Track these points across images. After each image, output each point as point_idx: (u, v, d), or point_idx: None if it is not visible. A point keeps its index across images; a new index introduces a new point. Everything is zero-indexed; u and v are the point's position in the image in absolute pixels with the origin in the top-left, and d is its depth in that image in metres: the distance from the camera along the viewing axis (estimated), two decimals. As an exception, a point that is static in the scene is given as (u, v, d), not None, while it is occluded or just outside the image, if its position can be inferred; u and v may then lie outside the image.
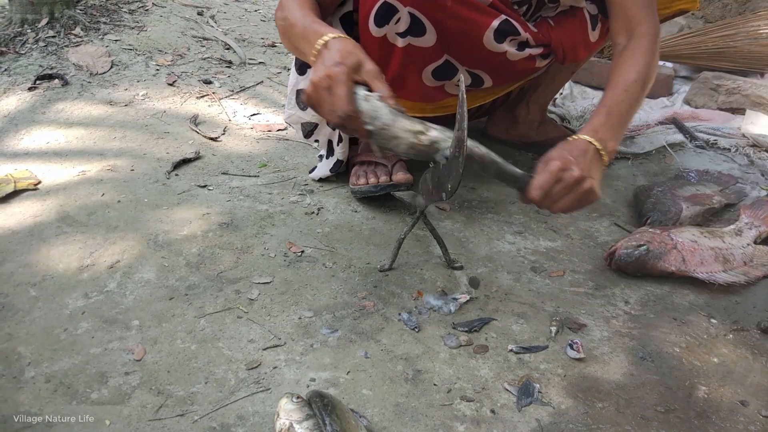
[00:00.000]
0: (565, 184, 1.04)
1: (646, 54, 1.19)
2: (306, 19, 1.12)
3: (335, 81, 1.00)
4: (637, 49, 1.20)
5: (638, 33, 1.22)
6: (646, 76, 1.18)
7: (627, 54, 1.20)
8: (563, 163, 1.04)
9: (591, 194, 1.06)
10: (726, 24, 2.33)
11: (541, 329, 1.12)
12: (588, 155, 1.07)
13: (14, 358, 0.99)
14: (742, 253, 1.32)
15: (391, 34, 1.24)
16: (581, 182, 1.04)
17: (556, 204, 1.06)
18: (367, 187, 1.43)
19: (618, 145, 1.14)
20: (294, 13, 1.14)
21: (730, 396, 1.01)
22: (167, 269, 1.20)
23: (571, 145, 1.09)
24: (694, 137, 1.90)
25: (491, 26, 1.26)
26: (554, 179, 1.04)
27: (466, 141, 0.96)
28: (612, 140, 1.11)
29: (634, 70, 1.17)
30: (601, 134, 1.10)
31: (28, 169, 1.50)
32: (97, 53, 2.09)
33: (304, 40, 1.10)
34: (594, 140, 1.09)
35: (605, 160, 1.10)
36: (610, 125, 1.12)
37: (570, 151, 1.07)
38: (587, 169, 1.06)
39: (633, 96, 1.16)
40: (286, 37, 1.19)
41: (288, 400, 0.86)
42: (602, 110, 1.14)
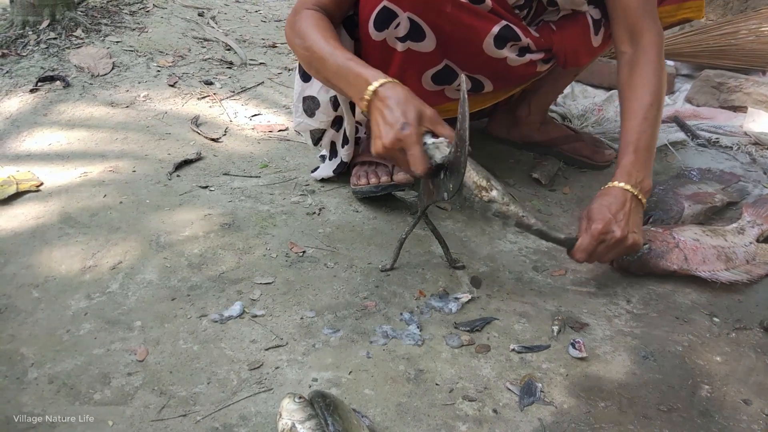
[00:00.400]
0: (608, 245, 1.12)
1: (655, 69, 1.20)
2: (336, 53, 1.12)
3: (407, 144, 1.02)
4: (647, 65, 1.20)
5: (644, 44, 1.22)
6: (661, 94, 1.20)
7: (638, 72, 1.21)
8: (604, 226, 1.11)
9: (634, 247, 1.14)
10: (727, 22, 2.33)
11: (543, 328, 1.12)
12: (626, 206, 1.13)
13: (17, 359, 0.99)
14: (744, 252, 1.31)
15: (391, 38, 1.24)
16: (623, 241, 1.12)
17: (601, 259, 1.16)
18: (369, 187, 1.43)
19: (651, 181, 1.19)
20: (319, 45, 1.14)
21: (733, 395, 1.01)
22: (169, 270, 1.20)
23: (609, 197, 1.14)
24: (695, 136, 1.89)
25: (491, 32, 1.25)
26: (597, 242, 1.12)
27: (467, 140, 0.96)
28: (646, 178, 1.17)
29: (648, 91, 1.18)
30: (634, 177, 1.15)
31: (30, 171, 1.50)
32: (99, 55, 2.09)
33: (341, 79, 1.12)
34: (630, 187, 1.14)
35: (644, 202, 1.17)
36: (640, 163, 1.16)
37: (609, 207, 1.12)
38: (627, 224, 1.12)
39: (653, 121, 1.19)
40: (313, 68, 1.20)
41: (290, 400, 0.86)
42: (629, 147, 1.17)
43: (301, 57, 1.22)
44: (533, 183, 1.63)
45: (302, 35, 1.17)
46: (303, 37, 1.17)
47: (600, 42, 1.39)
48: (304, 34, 1.17)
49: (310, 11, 1.20)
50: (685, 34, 2.34)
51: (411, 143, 1.02)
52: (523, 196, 1.57)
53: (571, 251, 1.15)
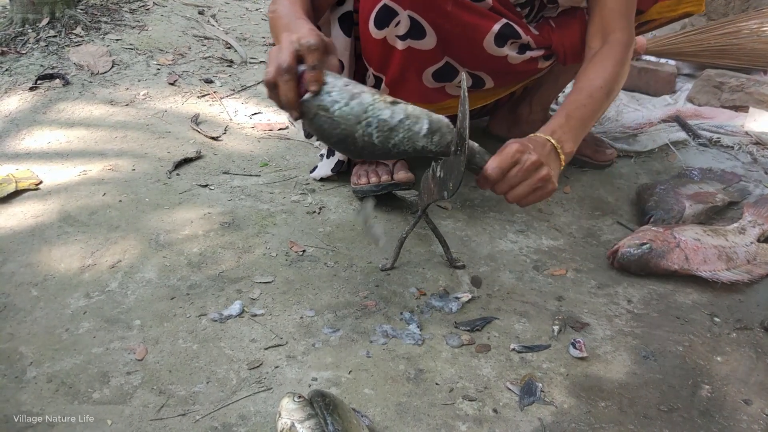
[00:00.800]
0: (522, 167, 1.01)
1: (615, 62, 1.18)
2: (291, 14, 1.08)
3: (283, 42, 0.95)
4: (608, 56, 1.19)
5: (611, 40, 1.22)
6: (613, 84, 1.17)
7: (597, 59, 1.20)
8: (521, 146, 1.01)
9: (548, 183, 1.03)
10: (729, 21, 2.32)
11: (543, 328, 1.12)
12: (546, 148, 1.06)
13: (16, 357, 0.99)
14: (745, 252, 1.31)
15: (391, 36, 1.24)
16: (539, 168, 1.01)
17: (513, 190, 1.03)
18: (369, 186, 1.42)
19: (575, 149, 1.12)
20: (283, 8, 1.11)
21: (733, 395, 1.00)
22: (169, 269, 1.20)
23: (529, 138, 1.07)
24: (697, 135, 1.89)
25: (492, 30, 1.25)
26: (511, 160, 1.00)
27: (468, 139, 0.95)
28: (570, 142, 1.10)
29: (601, 76, 1.16)
30: (558, 135, 1.09)
31: (29, 169, 1.50)
32: (98, 53, 2.09)
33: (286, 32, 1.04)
34: (552, 139, 1.08)
35: (562, 159, 1.08)
36: (569, 127, 1.11)
37: (528, 140, 1.05)
38: (545, 157, 1.04)
39: (596, 102, 1.15)
40: (273, 30, 1.15)
41: (290, 400, 0.85)
42: (562, 112, 1.13)
43: (269, 21, 1.15)
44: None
45: (275, 2, 1.14)
46: (275, 3, 1.13)
47: None
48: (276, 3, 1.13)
49: None
50: (687, 33, 2.33)
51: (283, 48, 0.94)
52: (524, 196, 1.56)
53: (482, 169, 1.02)
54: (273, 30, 1.15)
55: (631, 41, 1.24)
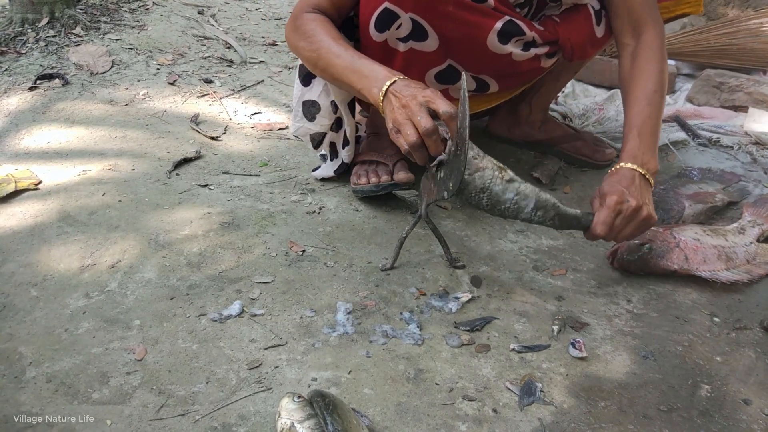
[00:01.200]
0: (625, 215, 1.11)
1: (659, 60, 1.22)
2: (347, 53, 1.16)
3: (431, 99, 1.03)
4: (650, 56, 1.22)
5: (646, 36, 1.24)
6: (664, 83, 1.21)
7: (641, 62, 1.23)
8: (619, 196, 1.10)
9: (650, 220, 1.13)
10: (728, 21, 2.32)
11: (543, 328, 1.12)
12: (636, 182, 1.14)
13: (15, 358, 0.99)
14: (745, 252, 1.31)
15: (392, 39, 1.24)
16: (639, 211, 1.12)
17: (620, 234, 1.14)
18: (369, 186, 1.42)
19: (657, 162, 1.20)
20: (328, 44, 1.17)
21: (733, 394, 1.00)
22: (168, 269, 1.20)
23: (619, 175, 1.15)
24: (696, 135, 1.89)
25: (494, 28, 1.25)
26: (615, 213, 1.11)
27: (468, 139, 0.96)
28: (652, 160, 1.18)
29: (651, 80, 1.20)
30: (640, 158, 1.16)
31: (28, 169, 1.50)
32: (98, 53, 2.09)
33: (356, 74, 1.14)
34: (637, 167, 1.15)
35: (651, 181, 1.17)
36: (645, 146, 1.17)
37: (620, 182, 1.13)
38: (640, 195, 1.12)
39: (656, 107, 1.20)
40: (319, 68, 1.22)
41: (289, 400, 0.85)
42: (633, 132, 1.18)
43: (307, 58, 1.23)
44: (534, 182, 1.62)
45: (308, 37, 1.20)
46: (310, 39, 1.20)
47: (603, 33, 1.38)
48: (310, 35, 1.20)
49: (312, 14, 1.23)
50: (686, 33, 2.33)
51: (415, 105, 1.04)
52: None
53: (589, 229, 1.14)
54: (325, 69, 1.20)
55: (663, 33, 1.27)
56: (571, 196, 1.58)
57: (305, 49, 1.22)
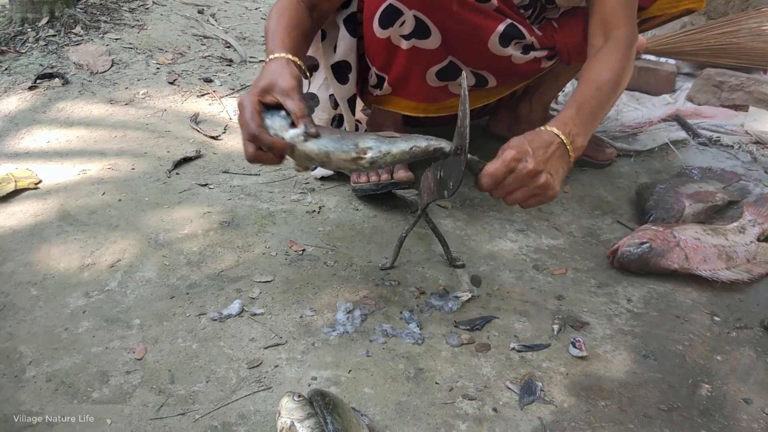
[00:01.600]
0: (518, 175, 0.98)
1: (620, 57, 1.16)
2: (274, 31, 1.11)
3: (239, 110, 1.01)
4: (613, 51, 1.17)
5: (614, 36, 1.19)
6: (620, 78, 1.15)
7: (602, 54, 1.18)
8: (519, 152, 0.98)
9: (547, 190, 1.00)
10: (729, 20, 2.32)
11: (543, 327, 1.12)
12: (551, 148, 1.01)
13: (15, 357, 0.99)
14: (745, 251, 1.31)
15: (396, 36, 1.24)
16: (535, 176, 0.98)
17: (510, 195, 1.00)
18: (369, 185, 1.42)
19: (586, 143, 1.08)
20: (270, 22, 1.14)
21: (733, 394, 1.00)
22: (168, 268, 1.20)
23: (535, 135, 1.03)
24: (696, 134, 1.89)
25: (496, 31, 1.26)
26: (506, 169, 0.97)
27: (468, 139, 0.95)
28: (581, 135, 1.06)
29: (608, 69, 1.14)
30: (570, 127, 1.05)
31: (28, 169, 1.50)
32: (98, 52, 2.08)
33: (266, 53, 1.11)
34: (562, 134, 1.03)
35: (572, 155, 1.05)
36: (580, 119, 1.07)
37: (531, 141, 1.00)
38: (545, 162, 1.00)
39: (604, 95, 1.12)
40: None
41: (289, 399, 0.85)
42: (573, 104, 1.09)
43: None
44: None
45: (269, 16, 1.16)
46: (269, 17, 1.16)
47: None
48: (270, 14, 1.16)
49: None
50: (686, 32, 2.33)
51: (240, 109, 1.01)
52: (524, 195, 1.56)
53: (477, 176, 1.01)
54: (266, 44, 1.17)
55: (634, 37, 1.21)
56: (571, 196, 1.58)
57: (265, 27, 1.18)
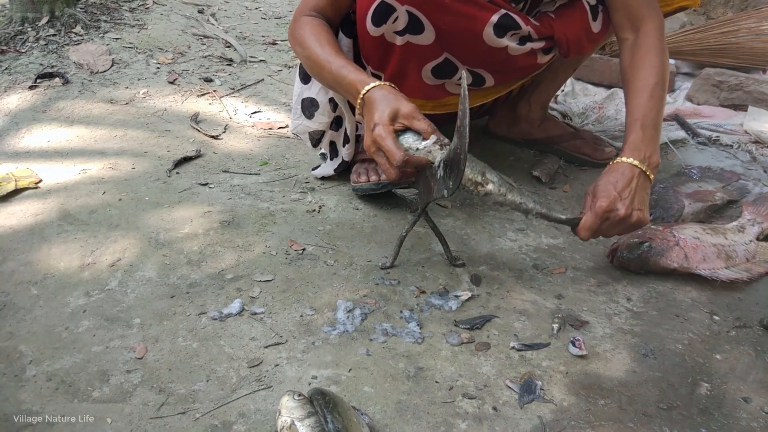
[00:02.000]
0: (612, 222, 1.11)
1: (659, 52, 1.21)
2: (331, 60, 1.18)
3: (378, 142, 1.06)
4: (650, 48, 1.22)
5: (646, 30, 1.24)
6: (665, 76, 1.21)
7: (641, 54, 1.22)
8: (609, 204, 1.10)
9: (640, 223, 1.13)
10: (728, 20, 2.32)
11: (543, 326, 1.12)
12: (633, 183, 1.13)
13: (15, 356, 0.99)
14: (744, 250, 1.31)
15: (389, 33, 1.24)
16: (628, 218, 1.11)
17: (607, 235, 1.15)
18: (369, 184, 1.42)
19: (659, 157, 1.18)
20: (317, 53, 1.20)
21: (732, 393, 1.01)
22: (168, 267, 1.20)
23: (616, 173, 1.13)
24: (696, 134, 1.89)
25: (490, 21, 1.25)
26: (601, 220, 1.11)
27: (468, 138, 0.96)
28: (654, 153, 1.16)
29: (653, 72, 1.19)
30: (642, 152, 1.14)
31: (29, 168, 1.50)
32: (98, 52, 2.09)
33: (339, 86, 1.18)
34: (638, 162, 1.13)
35: (651, 177, 1.15)
36: (647, 138, 1.16)
37: (615, 184, 1.12)
38: (632, 201, 1.12)
39: (658, 100, 1.19)
40: (315, 73, 1.27)
41: (290, 398, 0.85)
42: (635, 124, 1.17)
43: (305, 65, 1.28)
44: (533, 181, 1.62)
45: (302, 43, 1.23)
46: (303, 46, 1.23)
47: (599, 28, 1.38)
48: (303, 42, 1.23)
49: (307, 18, 1.25)
50: (686, 32, 2.33)
51: (381, 140, 1.05)
52: (523, 194, 1.56)
53: (575, 230, 1.16)
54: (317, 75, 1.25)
55: (663, 25, 1.26)
56: (570, 195, 1.58)
57: (301, 55, 1.26)
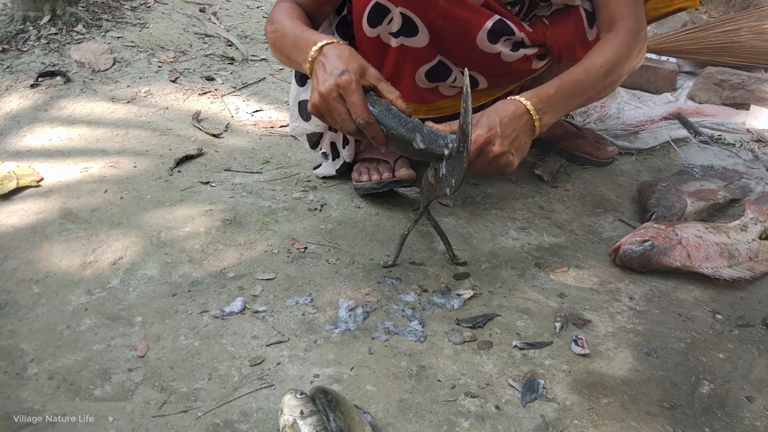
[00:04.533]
0: (484, 157, 1.05)
1: (618, 44, 1.18)
2: (296, 28, 1.14)
3: (346, 89, 1.01)
4: (611, 38, 1.20)
5: (617, 26, 1.22)
6: (613, 65, 1.16)
7: (601, 42, 1.21)
8: (489, 136, 1.04)
9: (505, 168, 1.08)
10: (729, 19, 2.32)
11: (545, 325, 1.12)
12: (518, 122, 1.07)
13: (17, 354, 0.99)
14: (747, 249, 1.31)
15: (385, 34, 1.24)
16: (500, 157, 1.06)
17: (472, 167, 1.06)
18: (370, 183, 1.42)
19: (553, 121, 1.13)
20: (284, 24, 1.16)
21: (735, 392, 1.00)
22: (170, 266, 1.20)
23: (506, 107, 1.08)
24: (698, 132, 1.89)
25: (485, 27, 1.24)
26: (476, 152, 1.04)
27: (470, 136, 0.95)
28: (550, 114, 1.11)
29: (601, 55, 1.16)
30: (542, 104, 1.09)
31: (30, 166, 1.50)
32: (99, 50, 2.08)
33: (295, 49, 1.12)
34: (531, 107, 1.08)
35: (537, 131, 1.10)
36: (555, 98, 1.11)
37: (502, 118, 1.06)
38: (510, 143, 1.06)
39: (592, 78, 1.14)
40: (278, 50, 1.21)
41: (292, 396, 0.85)
42: (554, 83, 1.12)
43: (270, 43, 1.23)
44: (535, 180, 1.62)
45: (272, 21, 1.20)
46: (272, 22, 1.20)
47: (595, 35, 1.38)
48: (273, 19, 1.20)
49: (285, 3, 1.23)
50: (688, 31, 2.33)
51: (349, 90, 1.00)
52: (526, 193, 1.56)
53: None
54: (280, 49, 1.20)
55: (639, 27, 1.23)
56: (572, 194, 1.58)
57: (269, 32, 1.21)
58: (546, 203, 1.53)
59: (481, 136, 1.04)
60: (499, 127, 1.05)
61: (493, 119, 1.06)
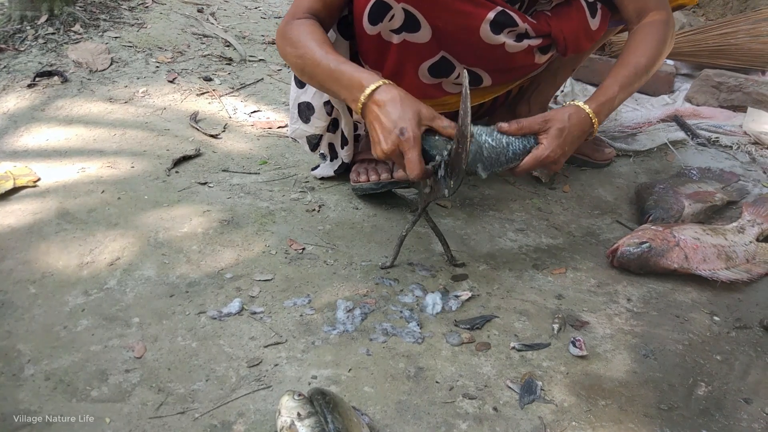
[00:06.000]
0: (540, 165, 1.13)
1: (658, 41, 1.24)
2: (328, 57, 1.14)
3: (406, 149, 1.04)
4: (651, 34, 1.25)
5: (651, 17, 1.27)
6: (654, 62, 1.24)
7: (640, 36, 1.26)
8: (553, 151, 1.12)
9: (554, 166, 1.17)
10: (727, 22, 2.32)
11: (543, 327, 1.12)
12: (582, 134, 1.16)
13: (14, 355, 0.99)
14: (744, 251, 1.31)
15: (386, 31, 1.23)
16: (555, 162, 1.15)
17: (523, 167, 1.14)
18: (369, 184, 1.42)
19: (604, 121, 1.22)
20: (312, 51, 1.16)
21: (733, 394, 1.00)
22: (167, 266, 1.20)
23: (576, 117, 1.15)
24: (695, 135, 1.89)
25: (487, 18, 1.24)
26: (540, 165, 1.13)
27: (470, 137, 0.95)
28: (604, 116, 1.20)
29: (645, 54, 1.23)
30: (599, 108, 1.18)
31: (27, 167, 1.49)
32: (97, 50, 2.08)
33: (336, 83, 1.14)
34: (595, 119, 1.16)
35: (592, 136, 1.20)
36: (610, 102, 1.19)
37: (571, 132, 1.14)
38: (569, 153, 1.16)
39: (640, 78, 1.23)
40: (307, 75, 1.22)
41: (289, 398, 0.85)
42: (615, 86, 1.20)
43: (294, 65, 1.23)
44: (533, 181, 1.62)
45: (294, 43, 1.19)
46: (295, 45, 1.19)
47: (598, 25, 1.37)
48: (296, 42, 1.19)
49: (301, 20, 1.22)
50: (685, 33, 2.34)
51: (409, 148, 1.04)
52: (524, 195, 1.56)
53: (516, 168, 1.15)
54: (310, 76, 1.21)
55: (668, 16, 1.29)
56: (570, 195, 1.58)
57: (292, 55, 1.21)
58: (544, 205, 1.53)
59: (553, 155, 1.12)
60: (567, 144, 1.13)
61: (564, 137, 1.13)
